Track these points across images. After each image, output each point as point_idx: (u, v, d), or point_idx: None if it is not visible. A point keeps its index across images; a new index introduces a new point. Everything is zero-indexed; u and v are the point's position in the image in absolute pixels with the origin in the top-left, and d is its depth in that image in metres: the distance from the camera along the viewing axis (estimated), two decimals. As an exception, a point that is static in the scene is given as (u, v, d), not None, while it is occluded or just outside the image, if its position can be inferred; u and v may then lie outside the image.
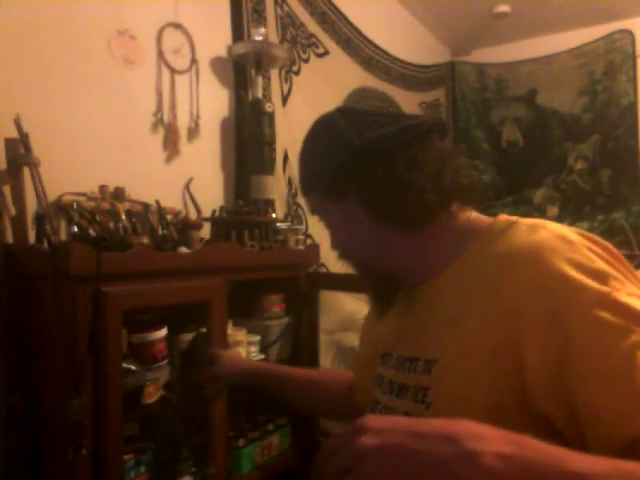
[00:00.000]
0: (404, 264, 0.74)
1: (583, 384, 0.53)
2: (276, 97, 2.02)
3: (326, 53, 2.37)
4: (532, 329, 0.56)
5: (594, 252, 0.59)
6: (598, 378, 0.52)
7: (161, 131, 1.64)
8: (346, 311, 2.01)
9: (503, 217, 0.71)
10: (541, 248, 0.60)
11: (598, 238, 0.62)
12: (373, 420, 0.48)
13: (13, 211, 1.24)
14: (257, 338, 1.58)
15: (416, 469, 0.44)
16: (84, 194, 1.35)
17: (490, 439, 0.44)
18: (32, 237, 1.25)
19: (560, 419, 0.55)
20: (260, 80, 1.87)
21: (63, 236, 1.31)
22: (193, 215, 1.61)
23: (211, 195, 1.79)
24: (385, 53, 2.78)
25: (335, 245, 0.80)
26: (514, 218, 0.69)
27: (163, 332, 1.25)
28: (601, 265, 0.57)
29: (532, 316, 0.56)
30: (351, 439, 0.47)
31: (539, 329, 0.56)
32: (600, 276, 0.56)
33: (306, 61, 2.24)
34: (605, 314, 0.53)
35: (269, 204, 1.79)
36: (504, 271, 0.61)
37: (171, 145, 1.66)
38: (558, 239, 0.61)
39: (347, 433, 0.48)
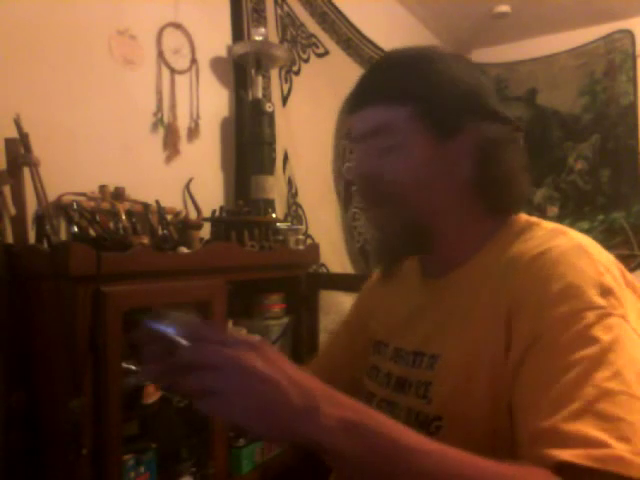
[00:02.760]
0: (445, 234, 0.69)
1: (522, 377, 0.54)
2: (276, 97, 2.02)
3: (326, 53, 2.37)
4: (520, 324, 0.56)
5: (607, 270, 0.58)
6: (535, 373, 0.53)
7: (161, 131, 1.64)
8: (346, 311, 2.01)
9: (523, 217, 0.70)
10: (551, 251, 0.59)
11: (617, 261, 0.61)
12: (271, 349, 0.49)
13: (13, 211, 1.24)
14: (257, 338, 1.57)
15: (268, 403, 0.44)
16: (84, 194, 1.35)
17: (338, 403, 0.46)
18: (32, 237, 1.25)
19: None
20: (260, 80, 1.87)
21: (63, 236, 1.31)
22: (193, 215, 1.60)
23: (211, 195, 1.78)
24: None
25: (379, 175, 0.67)
26: (535, 219, 0.69)
27: (163, 332, 1.25)
28: (607, 280, 0.56)
29: (524, 311, 0.57)
30: (237, 348, 0.46)
31: (524, 324, 0.56)
32: (603, 290, 0.55)
33: (306, 61, 2.24)
34: (587, 322, 0.52)
35: (269, 204, 1.79)
36: (513, 273, 0.61)
37: (171, 145, 1.66)
38: (574, 246, 0.60)
39: (235, 340, 0.47)
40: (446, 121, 0.64)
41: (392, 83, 0.66)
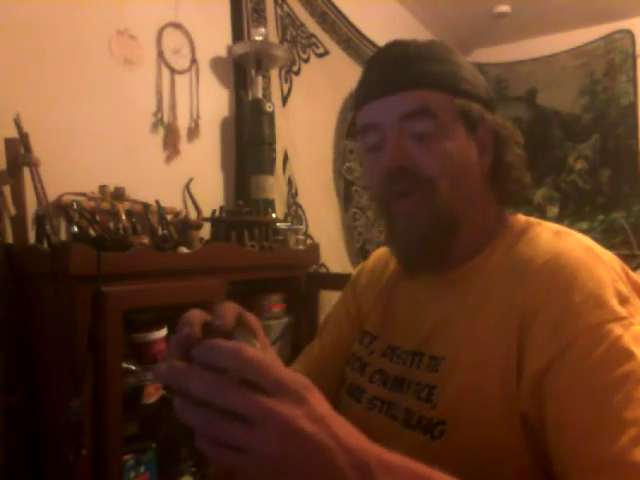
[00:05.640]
0: (462, 229, 0.67)
1: (561, 394, 0.52)
2: (276, 97, 2.02)
3: (326, 53, 2.37)
4: (538, 331, 0.55)
5: (618, 275, 0.58)
6: (578, 392, 0.51)
7: (161, 131, 1.64)
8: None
9: (522, 217, 0.70)
10: (567, 257, 0.58)
11: (619, 259, 0.61)
12: (319, 400, 0.40)
13: (13, 211, 1.24)
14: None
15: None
16: (84, 194, 1.35)
17: (395, 471, 0.40)
18: (32, 237, 1.25)
19: (537, 422, 0.54)
20: (260, 80, 1.87)
21: (63, 236, 1.31)
22: (193, 215, 1.60)
23: (211, 195, 1.78)
24: (385, 53, 2.77)
25: (417, 160, 0.64)
26: (534, 219, 0.69)
27: (163, 332, 1.25)
28: (623, 287, 0.56)
29: (543, 320, 0.55)
30: (274, 400, 0.37)
31: (544, 332, 0.55)
32: (621, 298, 0.55)
33: (306, 61, 2.24)
34: (617, 334, 0.52)
35: (269, 204, 1.79)
36: (526, 276, 0.60)
37: (171, 145, 1.66)
38: (586, 251, 0.59)
39: (276, 382, 0.38)
40: (474, 112, 0.65)
41: (433, 69, 0.65)
